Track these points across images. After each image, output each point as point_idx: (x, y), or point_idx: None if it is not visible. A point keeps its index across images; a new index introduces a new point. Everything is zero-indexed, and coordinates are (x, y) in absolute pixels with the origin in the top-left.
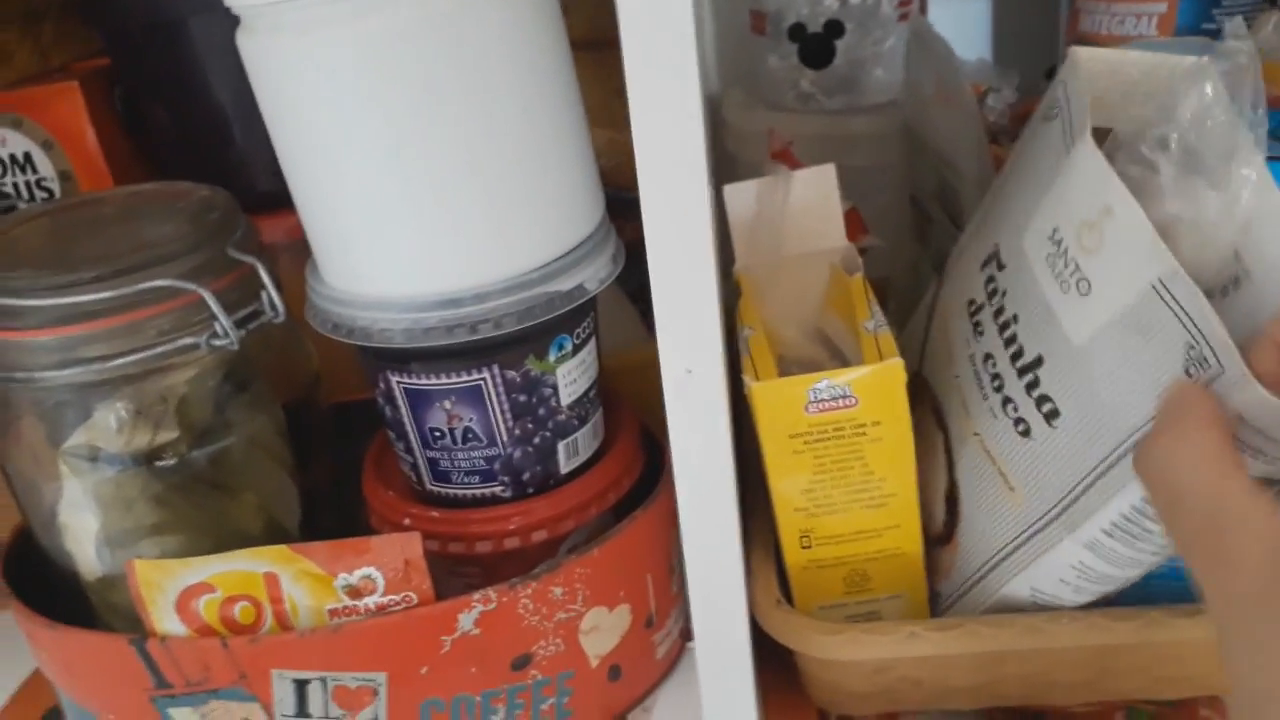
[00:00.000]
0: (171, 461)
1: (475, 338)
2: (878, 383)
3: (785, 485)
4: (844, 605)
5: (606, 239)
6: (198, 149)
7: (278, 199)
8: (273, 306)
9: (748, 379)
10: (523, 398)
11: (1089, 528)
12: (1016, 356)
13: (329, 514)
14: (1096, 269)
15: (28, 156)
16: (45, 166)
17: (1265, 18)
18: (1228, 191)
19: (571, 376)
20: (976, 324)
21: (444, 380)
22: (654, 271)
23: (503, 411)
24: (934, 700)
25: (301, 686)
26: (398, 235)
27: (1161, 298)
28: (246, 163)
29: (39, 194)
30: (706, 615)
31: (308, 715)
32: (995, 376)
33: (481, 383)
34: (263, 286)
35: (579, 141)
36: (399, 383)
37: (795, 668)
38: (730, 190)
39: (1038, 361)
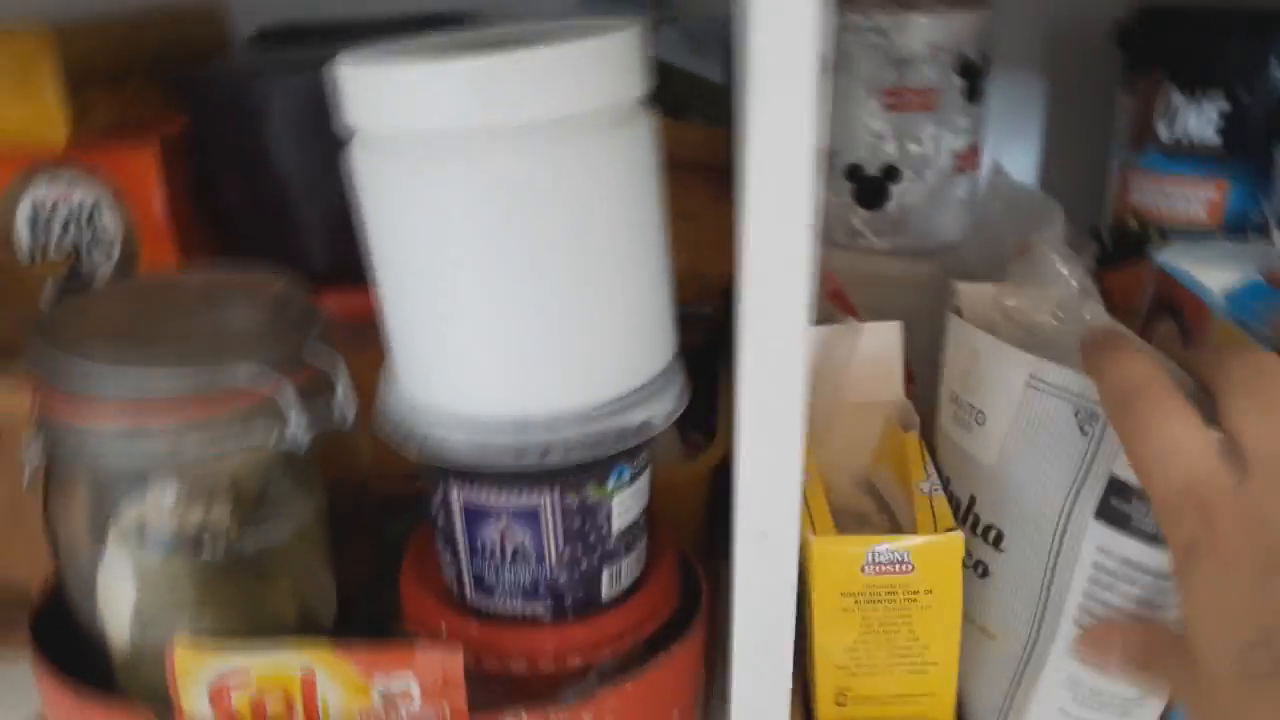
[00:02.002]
0: (220, 544)
1: (544, 464)
2: (936, 553)
3: (830, 641)
4: None
5: (676, 375)
6: (261, 224)
7: (328, 278)
8: (341, 412)
9: (807, 533)
10: (577, 523)
11: (1064, 626)
12: (956, 509)
13: (363, 602)
14: (983, 397)
15: (94, 207)
16: (110, 221)
17: None
18: (1072, 322)
19: (626, 505)
20: None
21: (503, 500)
22: (742, 428)
23: (556, 535)
24: None
25: None
26: (485, 360)
27: (1038, 389)
28: (306, 241)
29: (95, 250)
30: None
31: None
32: None
33: (540, 506)
34: (333, 391)
35: (663, 279)
36: (456, 495)
37: None
38: None
39: (972, 501)
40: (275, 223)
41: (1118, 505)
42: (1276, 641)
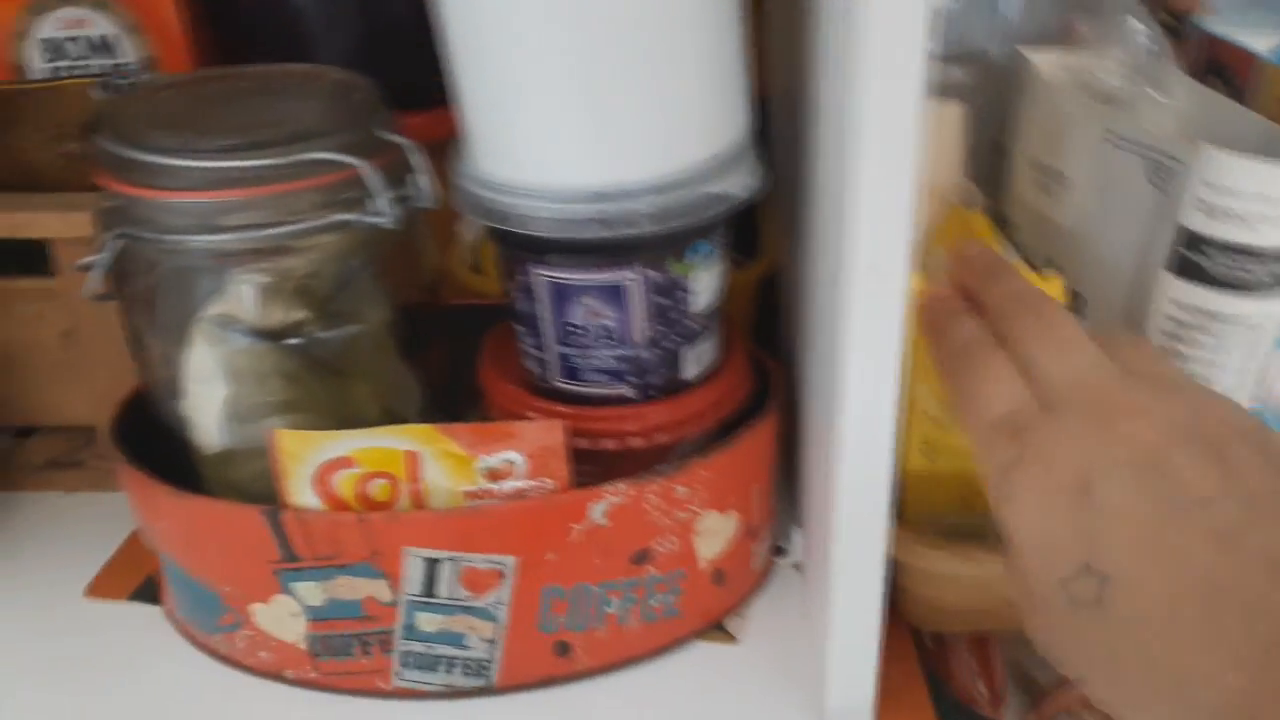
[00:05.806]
0: (301, 341)
1: (629, 233)
2: None
3: (924, 391)
4: (952, 520)
5: (751, 152)
6: (288, 47)
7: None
8: (424, 191)
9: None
10: (660, 299)
11: None
12: None
13: (439, 411)
14: (1064, 158)
15: (110, 40)
16: (128, 52)
17: None
18: (1161, 91)
19: (704, 284)
20: None
21: (588, 275)
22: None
23: (641, 311)
24: None
25: (432, 566)
26: (566, 129)
27: (1115, 144)
28: (339, 64)
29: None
30: (851, 524)
31: (434, 595)
32: None
33: (625, 281)
34: (411, 170)
35: (738, 49)
36: (541, 274)
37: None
38: None
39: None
40: (301, 47)
41: (1188, 255)
42: (1096, 568)
